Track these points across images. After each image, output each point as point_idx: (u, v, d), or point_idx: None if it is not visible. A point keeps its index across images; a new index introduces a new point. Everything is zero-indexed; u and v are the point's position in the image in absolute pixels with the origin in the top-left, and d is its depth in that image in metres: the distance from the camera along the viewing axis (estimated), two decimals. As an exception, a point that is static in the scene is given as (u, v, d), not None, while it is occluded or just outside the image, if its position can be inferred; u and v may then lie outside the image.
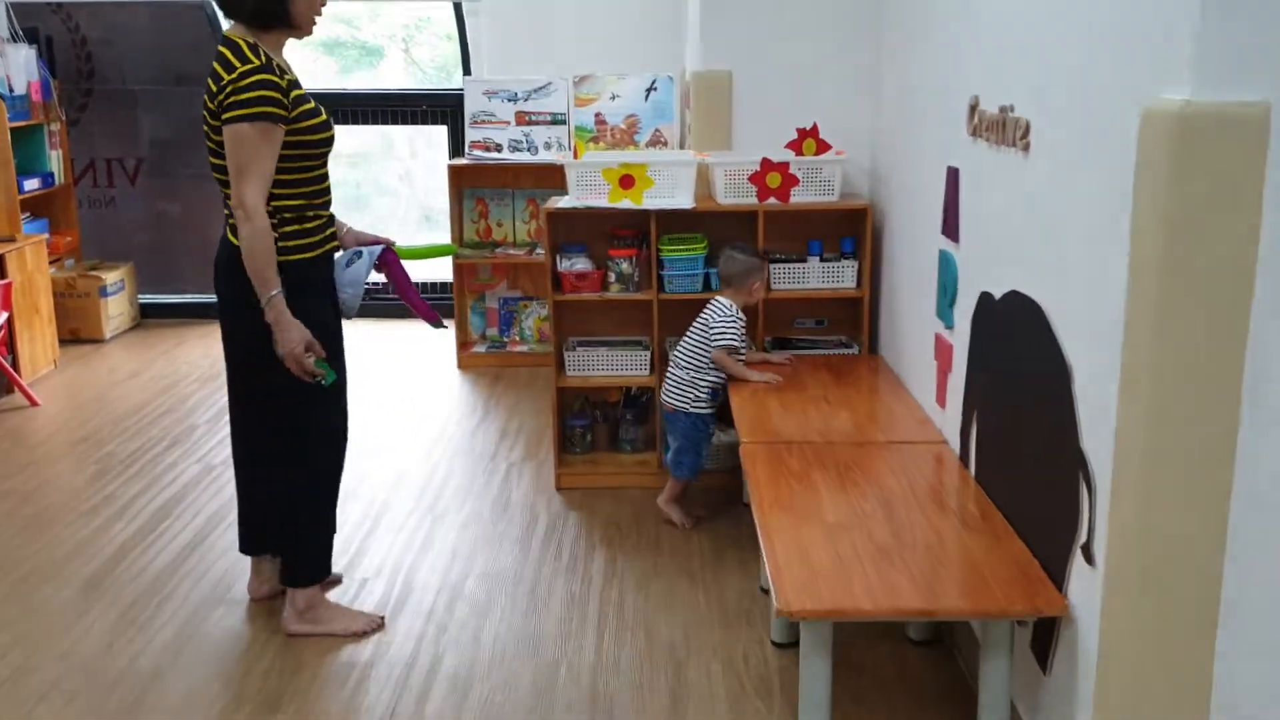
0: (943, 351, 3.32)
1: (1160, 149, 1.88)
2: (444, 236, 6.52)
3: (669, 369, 3.99)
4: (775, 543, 2.65)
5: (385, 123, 6.96)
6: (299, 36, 3.11)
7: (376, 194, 7.35)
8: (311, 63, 7.30)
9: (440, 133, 6.99)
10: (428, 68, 7.92)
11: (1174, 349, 1.93)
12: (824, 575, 2.50)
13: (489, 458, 4.72)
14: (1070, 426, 2.35)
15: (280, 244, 3.03)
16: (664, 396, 3.99)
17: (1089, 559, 2.28)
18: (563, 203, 4.18)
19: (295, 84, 3.05)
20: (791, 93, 4.31)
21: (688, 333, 3.95)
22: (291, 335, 3.00)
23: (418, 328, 6.73)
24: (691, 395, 3.92)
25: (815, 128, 4.10)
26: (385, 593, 3.58)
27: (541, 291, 6.09)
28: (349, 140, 7.20)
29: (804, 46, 4.28)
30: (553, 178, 5.90)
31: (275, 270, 2.98)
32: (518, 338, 6.13)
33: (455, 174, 6.01)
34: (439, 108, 6.83)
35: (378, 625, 3.34)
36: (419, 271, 3.86)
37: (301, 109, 3.02)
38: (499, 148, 5.93)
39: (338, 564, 3.72)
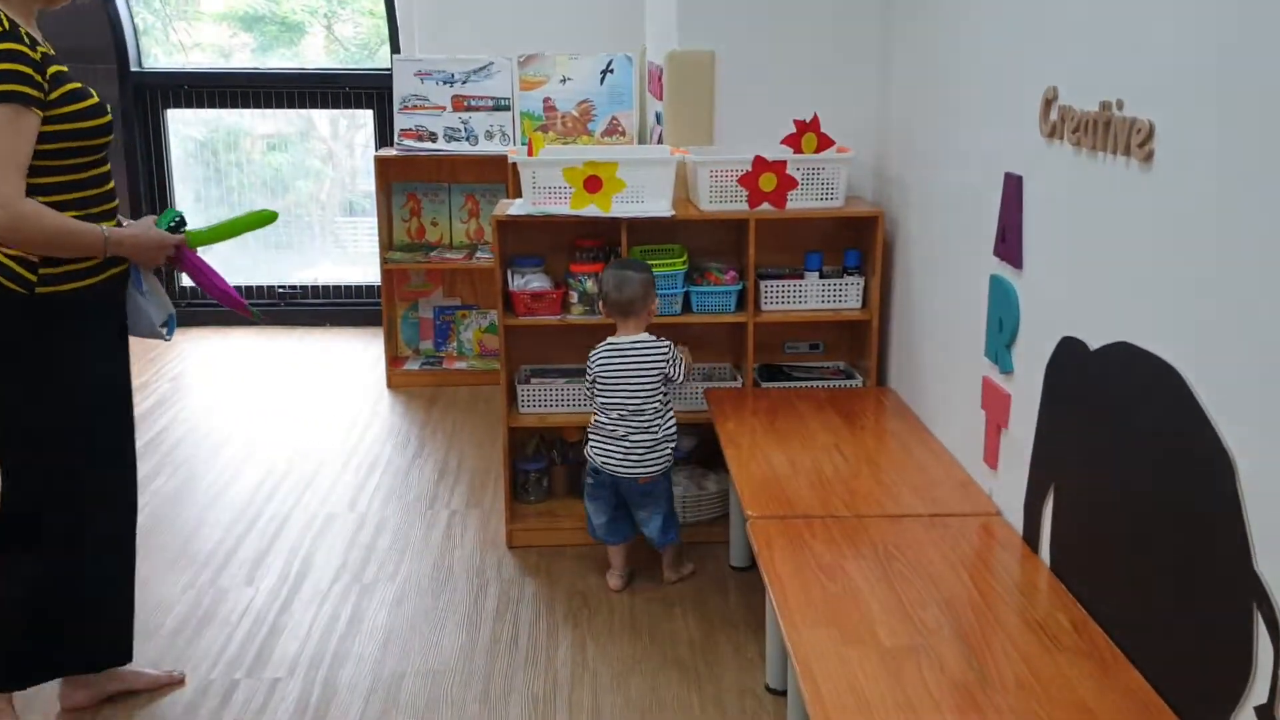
0: (995, 401, 2.69)
1: None
2: (368, 224, 5.78)
3: (624, 441, 3.22)
4: (818, 677, 2.00)
5: (303, 106, 6.20)
6: (54, 5, 2.45)
7: (299, 177, 6.65)
8: (229, 39, 6.56)
9: (365, 114, 6.24)
10: (350, 46, 7.20)
11: None
12: (894, 732, 1.86)
13: (426, 504, 4.02)
14: (1233, 538, 1.73)
15: (44, 270, 2.37)
16: (633, 471, 3.23)
17: (1272, 728, 1.67)
18: (515, 208, 3.48)
19: (53, 59, 2.35)
20: (787, 78, 3.65)
21: (630, 391, 3.21)
22: (151, 255, 2.55)
23: (340, 338, 6.04)
24: (669, 450, 3.30)
25: (816, 120, 3.46)
26: (302, 697, 2.88)
27: (482, 299, 5.39)
28: (263, 124, 6.44)
29: (802, 22, 3.63)
30: (495, 171, 5.21)
31: (80, 227, 2.39)
32: (455, 352, 5.41)
33: (383, 166, 5.26)
34: (363, 89, 6.08)
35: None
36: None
37: (64, 90, 2.34)
38: (433, 137, 5.20)
39: (244, 658, 3.03)
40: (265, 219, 2.75)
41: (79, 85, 2.40)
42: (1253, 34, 1.70)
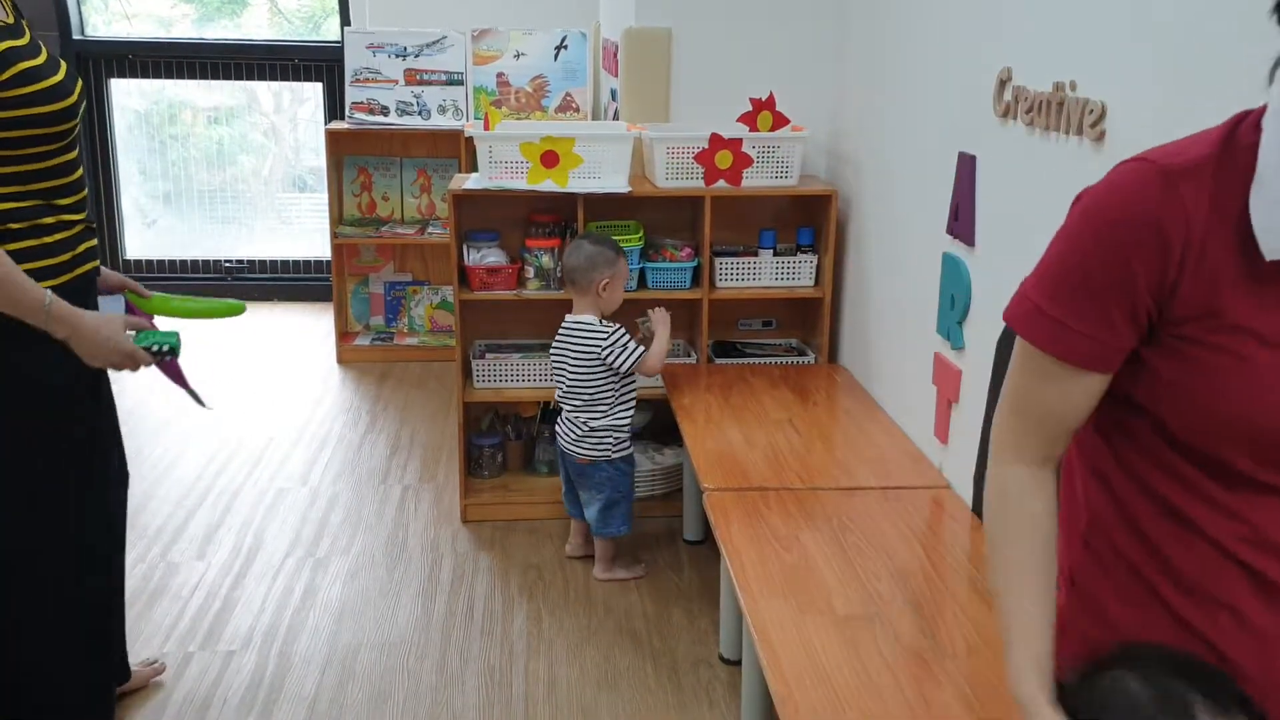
0: (947, 376, 2.75)
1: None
2: (320, 203, 5.73)
3: (566, 415, 3.24)
4: (777, 648, 2.04)
5: (251, 78, 6.11)
6: None
7: (242, 151, 6.55)
8: (170, 8, 6.44)
9: (311, 89, 6.17)
10: (294, 18, 7.11)
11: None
12: (851, 698, 1.90)
13: (379, 479, 4.02)
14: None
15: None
16: (573, 448, 3.23)
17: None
18: (470, 182, 3.48)
19: (6, 30, 2.12)
20: (743, 56, 3.68)
21: (566, 371, 3.22)
22: (97, 355, 2.16)
23: (288, 313, 5.99)
24: (611, 440, 3.22)
25: (772, 98, 3.48)
26: (257, 670, 2.88)
27: (434, 275, 5.37)
28: (206, 96, 6.33)
29: (759, 1, 3.65)
30: (448, 146, 5.19)
31: (21, 281, 2.06)
32: (406, 328, 5.39)
33: (334, 139, 5.21)
34: (313, 62, 6.01)
35: None
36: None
37: (15, 70, 2.08)
38: (385, 110, 5.16)
39: (197, 631, 3.02)
40: (230, 311, 2.56)
41: (37, 63, 2.13)
42: (1204, 17, 1.74)
